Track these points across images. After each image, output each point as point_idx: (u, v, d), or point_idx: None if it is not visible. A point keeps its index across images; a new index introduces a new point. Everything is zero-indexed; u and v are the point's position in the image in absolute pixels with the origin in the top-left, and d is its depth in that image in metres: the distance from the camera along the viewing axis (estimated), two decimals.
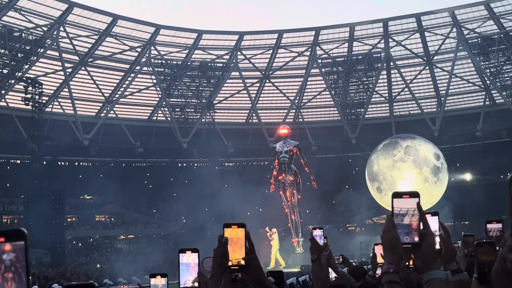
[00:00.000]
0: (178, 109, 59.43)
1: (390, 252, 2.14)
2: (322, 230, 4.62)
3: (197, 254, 2.96)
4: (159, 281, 3.34)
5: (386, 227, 2.19)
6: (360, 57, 58.14)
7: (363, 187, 41.82)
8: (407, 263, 3.04)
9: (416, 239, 2.17)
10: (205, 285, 2.89)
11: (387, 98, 62.56)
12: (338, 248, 31.40)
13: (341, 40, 59.26)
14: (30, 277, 1.13)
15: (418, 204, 2.23)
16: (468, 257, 4.65)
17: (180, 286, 2.95)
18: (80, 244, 55.77)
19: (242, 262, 2.45)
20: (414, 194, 2.25)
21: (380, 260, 5.42)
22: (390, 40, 58.44)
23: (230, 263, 2.43)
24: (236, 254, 2.44)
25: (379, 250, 5.52)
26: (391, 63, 59.31)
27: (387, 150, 36.51)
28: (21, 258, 1.12)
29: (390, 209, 2.29)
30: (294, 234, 38.18)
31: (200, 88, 58.71)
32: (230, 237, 2.46)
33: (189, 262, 2.94)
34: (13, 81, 48.56)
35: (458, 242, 10.09)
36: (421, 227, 2.20)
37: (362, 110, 59.98)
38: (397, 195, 2.26)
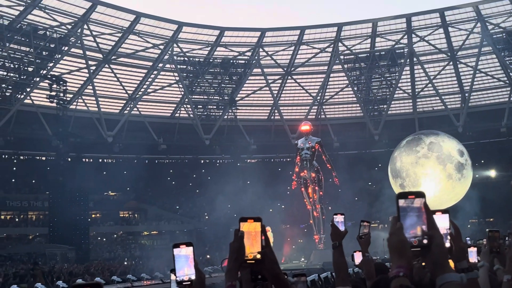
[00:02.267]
0: (200, 106, 59.65)
1: (398, 255, 2.07)
2: (343, 216, 4.48)
3: (191, 247, 2.98)
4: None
5: (392, 230, 2.12)
6: (383, 53, 57.71)
7: (385, 184, 41.59)
8: (423, 263, 2.99)
9: (425, 241, 2.11)
10: (199, 279, 2.90)
11: (410, 94, 62.05)
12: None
13: (364, 36, 58.90)
14: None
15: (425, 204, 2.17)
16: (493, 253, 4.60)
17: (177, 279, 2.97)
18: (104, 240, 56.35)
19: (258, 256, 2.47)
20: (420, 194, 2.18)
21: None
22: (413, 35, 57.91)
23: (246, 257, 2.45)
24: (252, 248, 2.46)
25: None
26: (415, 59, 58.77)
27: (410, 146, 36.23)
28: None
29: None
30: (316, 231, 38.13)
31: (222, 85, 58.83)
32: (246, 231, 2.48)
33: (184, 255, 2.97)
34: (38, 79, 49.15)
35: (482, 239, 10.01)
36: (428, 228, 2.13)
37: (385, 106, 59.58)
38: (402, 195, 2.18)
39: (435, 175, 34.71)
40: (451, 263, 2.85)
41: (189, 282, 2.90)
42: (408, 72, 60.30)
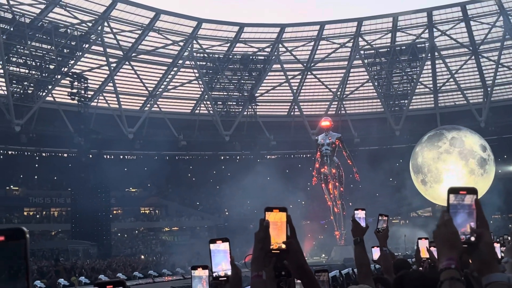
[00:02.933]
0: (220, 102, 59.75)
1: (449, 247, 2.01)
2: (364, 211, 4.44)
3: (227, 243, 2.98)
4: (202, 272, 3.37)
5: (442, 221, 2.06)
6: (404, 47, 57.24)
7: (407, 179, 41.31)
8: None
9: (472, 239, 2.06)
10: (235, 275, 2.89)
11: (432, 89, 61.49)
12: None
13: (384, 30, 58.47)
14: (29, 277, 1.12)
15: (477, 201, 2.11)
16: None
17: (213, 274, 2.97)
18: (125, 236, 56.77)
19: (283, 246, 2.44)
20: (472, 191, 2.11)
21: (424, 254, 5.29)
22: (434, 29, 57.34)
23: (271, 247, 2.43)
24: (277, 238, 2.43)
25: (423, 244, 5.38)
26: (436, 53, 58.21)
27: (432, 141, 35.95)
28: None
29: (436, 202, 2.19)
30: (337, 227, 38.02)
31: (242, 81, 58.85)
32: (272, 221, 2.45)
33: (221, 251, 2.97)
34: (59, 76, 49.60)
35: (506, 235, 9.88)
36: (478, 225, 2.09)
37: (406, 101, 59.13)
38: (453, 190, 2.11)
39: (457, 170, 34.42)
40: None
41: (225, 278, 2.90)
42: (430, 66, 59.75)
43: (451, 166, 34.85)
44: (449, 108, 61.54)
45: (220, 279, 2.93)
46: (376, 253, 5.52)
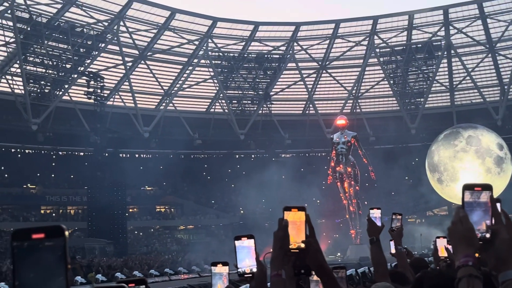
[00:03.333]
0: (235, 101, 59.83)
1: (466, 244, 2.00)
2: (380, 210, 4.43)
3: (253, 240, 2.99)
4: (222, 269, 3.39)
5: (457, 218, 2.05)
6: (420, 45, 56.92)
7: (423, 178, 41.11)
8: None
9: (487, 235, 2.05)
10: (260, 271, 2.91)
11: (448, 87, 61.08)
12: None
13: (400, 28, 58.17)
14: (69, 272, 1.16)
15: (492, 197, 2.09)
16: None
17: (238, 271, 2.99)
18: (141, 234, 57.05)
19: (302, 245, 2.46)
20: (487, 187, 2.10)
21: (442, 253, 5.28)
22: (450, 27, 56.94)
23: (290, 246, 2.45)
24: (296, 237, 2.45)
25: (441, 243, 5.35)
26: (452, 51, 57.80)
27: (448, 140, 35.75)
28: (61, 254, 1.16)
29: (452, 201, 2.18)
30: (353, 225, 37.95)
31: (257, 79, 58.88)
32: (291, 220, 2.47)
33: (246, 247, 2.98)
34: (75, 76, 49.95)
35: None
36: (494, 222, 2.06)
37: (422, 99, 58.81)
38: (468, 187, 2.10)
39: (474, 169, 34.19)
40: None
41: (250, 274, 2.92)
42: (446, 64, 59.35)
43: (468, 165, 34.63)
44: (465, 106, 61.11)
45: (245, 275, 2.94)
46: (393, 248, 5.53)
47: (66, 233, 1.17)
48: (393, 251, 5.58)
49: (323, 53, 60.80)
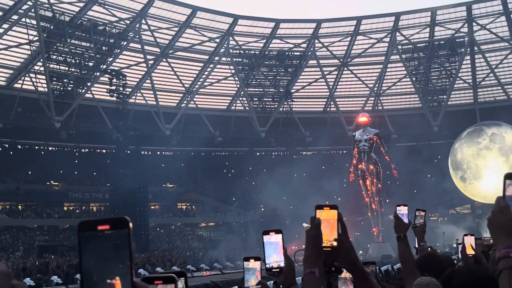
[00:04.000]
0: (256, 99, 59.84)
1: (507, 234, 1.93)
2: (407, 207, 4.41)
3: (280, 234, 3.00)
4: (255, 264, 3.39)
5: (498, 208, 1.97)
6: (442, 42, 56.37)
7: (446, 176, 40.75)
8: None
9: None
10: (288, 266, 2.92)
11: (471, 84, 60.41)
12: None
13: (422, 25, 57.68)
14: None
15: None
16: None
17: (266, 267, 3.00)
18: (162, 231, 57.39)
19: (335, 243, 2.46)
20: None
21: (470, 251, 5.22)
22: (474, 24, 56.30)
23: (323, 244, 2.45)
24: (329, 236, 2.46)
25: (468, 240, 5.28)
26: (475, 48, 57.15)
27: (472, 138, 35.39)
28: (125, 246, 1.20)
29: (475, 199, 2.10)
30: (375, 223, 37.76)
31: (278, 77, 58.82)
32: (323, 218, 2.47)
33: (274, 242, 2.99)
34: (98, 74, 50.38)
35: None
36: None
37: (444, 96, 58.23)
38: (510, 176, 2.01)
39: (497, 167, 33.77)
40: None
41: (278, 269, 2.93)
42: (469, 61, 58.71)
43: (491, 163, 34.25)
44: (489, 103, 60.39)
45: (273, 270, 2.95)
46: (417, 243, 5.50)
47: (130, 224, 1.20)
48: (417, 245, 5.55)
49: (344, 50, 60.52)
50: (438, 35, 58.05)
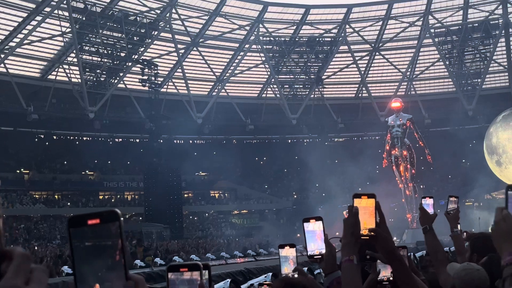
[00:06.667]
0: (287, 86, 59.69)
1: (510, 242, 1.95)
2: (432, 198, 4.39)
3: (321, 222, 3.02)
4: (289, 252, 3.41)
5: (500, 217, 2.01)
6: (476, 24, 55.32)
7: (481, 160, 40.17)
8: None
9: None
10: (329, 252, 2.94)
11: (506, 66, 59.17)
12: None
13: (455, 7, 56.65)
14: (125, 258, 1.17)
15: None
16: None
17: (308, 254, 3.03)
18: (196, 219, 57.87)
19: (373, 232, 2.48)
20: None
21: None
22: (508, 5, 55.03)
23: (361, 232, 2.47)
24: (366, 224, 2.47)
25: None
26: (510, 30, 55.91)
27: (507, 121, 34.77)
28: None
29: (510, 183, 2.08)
30: (409, 209, 37.46)
31: (309, 63, 58.52)
32: (361, 206, 2.48)
33: (314, 229, 3.01)
34: (130, 64, 50.83)
35: None
36: None
37: (479, 80, 57.21)
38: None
39: None
40: None
41: (319, 256, 2.96)
42: (503, 44, 57.47)
43: None
44: None
45: (315, 257, 2.98)
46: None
47: (121, 218, 1.17)
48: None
49: (376, 35, 59.88)
50: (471, 18, 56.97)
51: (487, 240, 4.68)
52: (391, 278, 2.85)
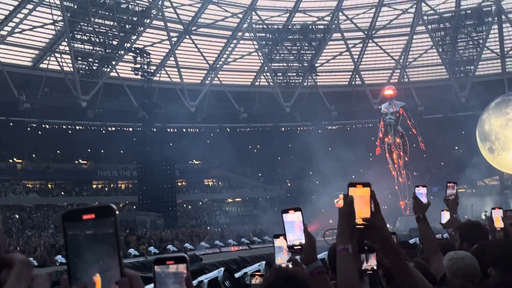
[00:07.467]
0: (280, 74, 59.59)
1: None
2: (425, 187, 4.37)
3: (300, 212, 3.01)
4: (283, 242, 3.41)
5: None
6: (469, 11, 55.28)
7: (473, 147, 40.30)
8: None
9: None
10: (309, 243, 2.93)
11: (499, 53, 59.24)
12: None
13: None
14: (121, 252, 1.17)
15: None
16: None
17: (288, 244, 3.01)
18: (190, 207, 57.88)
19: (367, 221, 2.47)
20: None
21: (498, 224, 5.16)
22: None
23: (356, 221, 2.46)
24: (361, 213, 2.46)
25: (496, 213, 5.22)
26: (503, 17, 55.92)
27: (500, 108, 34.86)
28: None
29: (504, 170, 2.09)
30: (402, 197, 37.59)
31: (302, 51, 58.41)
32: (356, 195, 2.47)
33: (293, 220, 3.00)
34: (122, 52, 50.60)
35: None
36: None
37: (471, 67, 57.28)
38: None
39: None
40: None
41: (299, 246, 2.95)
42: (496, 31, 57.50)
43: None
44: None
45: (294, 247, 2.97)
46: (445, 217, 5.45)
47: (116, 212, 1.17)
48: (444, 221, 5.51)
49: (369, 22, 59.78)
50: (464, 5, 56.91)
51: (477, 227, 4.70)
52: (375, 268, 2.84)
